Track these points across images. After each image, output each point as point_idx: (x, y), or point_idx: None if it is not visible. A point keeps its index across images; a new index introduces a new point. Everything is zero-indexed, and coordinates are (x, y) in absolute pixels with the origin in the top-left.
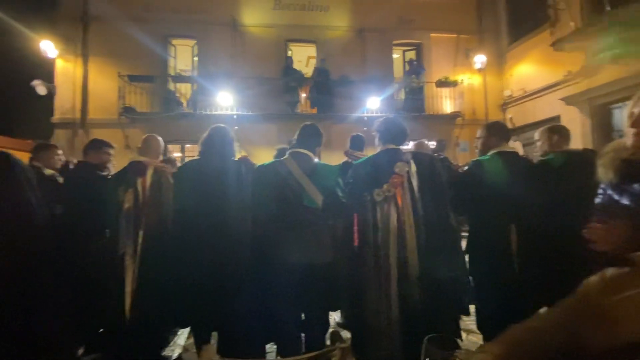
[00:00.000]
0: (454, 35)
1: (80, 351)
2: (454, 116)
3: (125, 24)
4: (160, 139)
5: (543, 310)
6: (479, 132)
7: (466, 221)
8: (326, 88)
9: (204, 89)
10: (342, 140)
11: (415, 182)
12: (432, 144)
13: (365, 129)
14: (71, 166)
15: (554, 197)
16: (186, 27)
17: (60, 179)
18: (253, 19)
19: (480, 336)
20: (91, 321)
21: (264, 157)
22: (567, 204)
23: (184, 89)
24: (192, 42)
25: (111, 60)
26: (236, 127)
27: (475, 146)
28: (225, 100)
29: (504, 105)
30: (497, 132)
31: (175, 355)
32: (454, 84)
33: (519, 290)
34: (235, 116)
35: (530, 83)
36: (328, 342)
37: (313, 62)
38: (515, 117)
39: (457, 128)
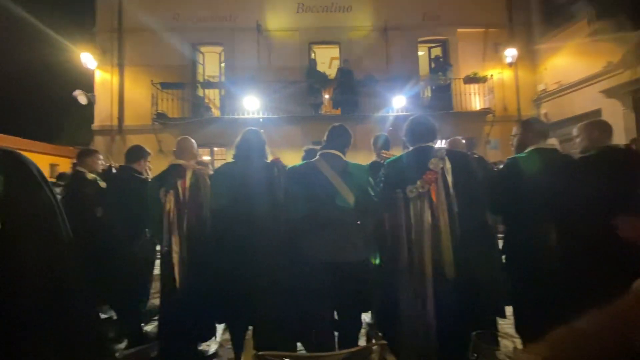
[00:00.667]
0: (482, 30)
1: (124, 344)
2: (484, 113)
3: (156, 34)
4: (193, 141)
5: (591, 313)
6: (514, 129)
7: (502, 220)
8: (350, 88)
9: (231, 94)
10: (366, 140)
11: (450, 179)
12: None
13: (390, 128)
14: (114, 170)
15: (596, 195)
16: (213, 34)
17: (102, 183)
18: (277, 23)
19: (517, 340)
20: (134, 316)
21: (289, 158)
22: (610, 202)
23: (212, 95)
24: (219, 48)
25: (144, 69)
26: (262, 130)
27: (510, 144)
28: (251, 104)
29: (538, 100)
30: (533, 128)
31: (212, 350)
32: (483, 79)
33: (560, 292)
34: (261, 119)
35: (566, 76)
36: (361, 343)
37: (336, 63)
38: (550, 112)
39: (487, 125)
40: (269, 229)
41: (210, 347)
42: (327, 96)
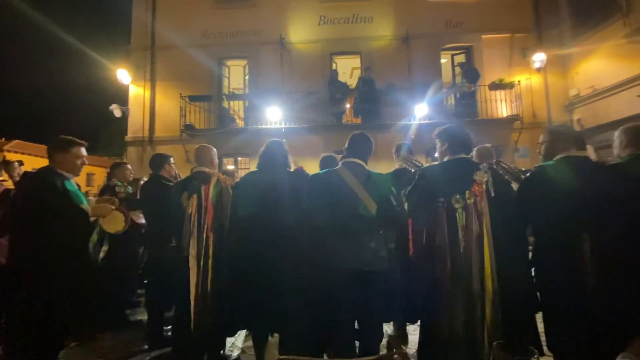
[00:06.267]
0: (508, 35)
1: (146, 346)
2: (511, 120)
3: (185, 50)
4: (213, 149)
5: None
6: (541, 137)
7: (530, 232)
8: (371, 97)
9: (255, 105)
10: (388, 149)
11: (492, 193)
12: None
13: (412, 137)
14: (141, 182)
15: (631, 204)
16: (238, 49)
17: (129, 190)
18: (299, 36)
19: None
20: (157, 321)
21: (311, 167)
22: None
23: (237, 106)
24: (243, 62)
25: (174, 83)
26: (284, 140)
27: (538, 152)
28: (274, 115)
29: (570, 106)
30: (562, 135)
31: (234, 355)
32: (510, 85)
33: (595, 310)
34: (283, 129)
35: (600, 80)
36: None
37: (357, 73)
38: (584, 118)
39: (515, 132)
40: (292, 236)
41: (233, 352)
42: (348, 105)
